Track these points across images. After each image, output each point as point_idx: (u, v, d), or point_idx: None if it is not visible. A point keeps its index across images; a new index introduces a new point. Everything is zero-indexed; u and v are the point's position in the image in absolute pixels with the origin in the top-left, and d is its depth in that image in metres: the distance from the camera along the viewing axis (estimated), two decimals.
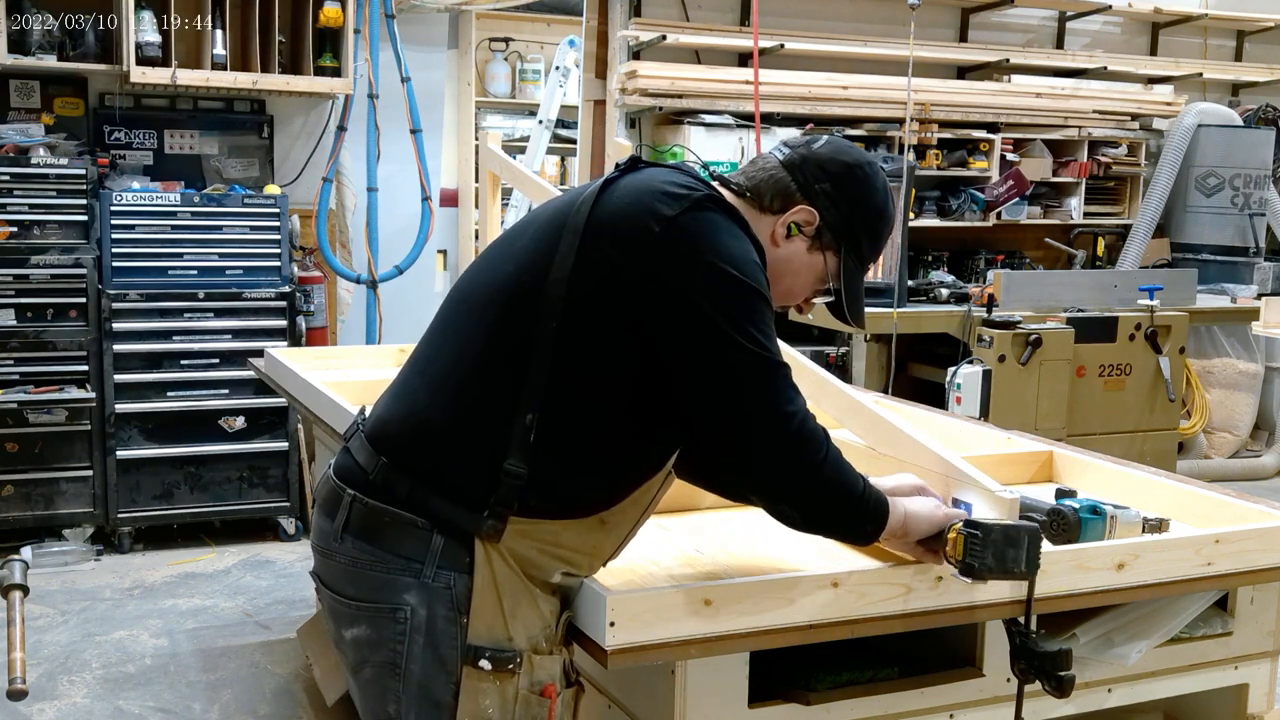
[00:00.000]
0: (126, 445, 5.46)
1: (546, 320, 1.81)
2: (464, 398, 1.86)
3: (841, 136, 2.11)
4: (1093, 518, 2.08)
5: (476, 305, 1.92)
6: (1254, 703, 2.47)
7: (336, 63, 5.95)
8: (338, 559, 1.89)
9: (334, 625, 1.94)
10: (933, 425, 3.07)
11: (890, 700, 2.13)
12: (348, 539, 1.87)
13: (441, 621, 1.83)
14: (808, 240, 1.99)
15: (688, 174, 1.94)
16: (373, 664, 1.88)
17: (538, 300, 1.82)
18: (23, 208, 5.26)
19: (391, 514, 1.84)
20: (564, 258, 1.82)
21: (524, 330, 1.82)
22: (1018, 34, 7.61)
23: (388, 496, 1.85)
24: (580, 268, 1.82)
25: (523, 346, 1.82)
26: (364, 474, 1.88)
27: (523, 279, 1.86)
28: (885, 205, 2.06)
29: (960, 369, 5.39)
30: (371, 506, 1.85)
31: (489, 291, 1.91)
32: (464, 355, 1.88)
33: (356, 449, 1.93)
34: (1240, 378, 7.48)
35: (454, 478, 1.83)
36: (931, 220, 7.01)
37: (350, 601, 1.88)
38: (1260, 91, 8.21)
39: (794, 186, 1.98)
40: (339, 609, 1.91)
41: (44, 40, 5.40)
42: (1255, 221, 7.44)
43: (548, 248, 1.85)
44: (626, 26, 6.47)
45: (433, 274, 7.19)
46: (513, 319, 1.84)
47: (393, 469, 1.86)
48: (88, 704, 3.98)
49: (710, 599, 1.85)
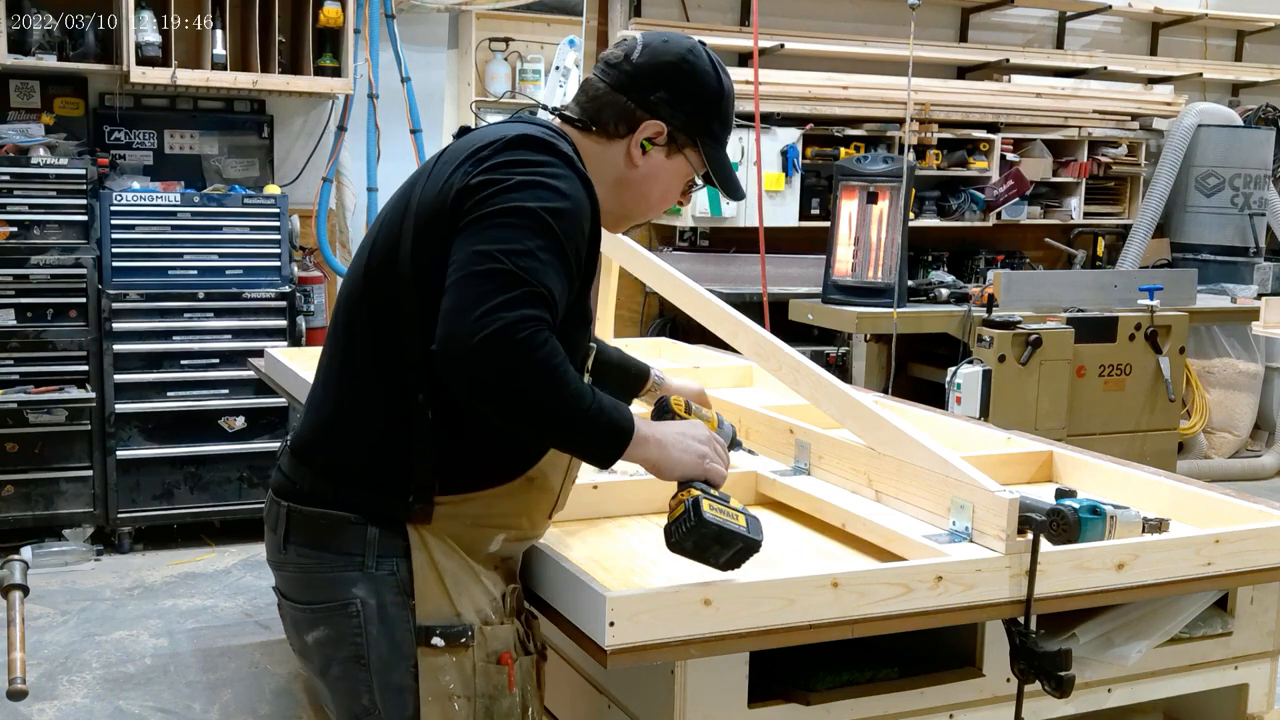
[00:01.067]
0: (126, 445, 5.46)
1: (406, 302, 1.84)
2: (357, 393, 1.91)
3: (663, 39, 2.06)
4: (1093, 518, 2.08)
5: (348, 302, 1.97)
6: (1254, 703, 2.47)
7: (336, 63, 5.95)
8: (288, 569, 1.97)
9: (297, 635, 1.99)
10: (933, 425, 3.07)
11: (890, 700, 2.13)
12: (291, 548, 1.94)
13: (391, 608, 1.88)
14: (664, 149, 2.02)
15: (523, 121, 1.95)
16: (338, 661, 1.93)
17: (394, 284, 1.86)
18: (23, 208, 5.26)
19: (325, 515, 1.90)
20: (405, 236, 1.86)
21: (389, 315, 1.87)
22: (1018, 34, 7.61)
23: (317, 500, 1.92)
24: (419, 241, 1.84)
25: (393, 331, 1.86)
26: (293, 485, 1.95)
27: (377, 267, 1.91)
28: (720, 82, 2.06)
29: (960, 369, 5.39)
30: (306, 513, 1.92)
31: (355, 286, 1.96)
32: (348, 353, 1.94)
33: (285, 464, 2.00)
34: (1240, 378, 7.47)
35: (372, 470, 1.89)
36: (931, 220, 7.01)
37: (306, 606, 1.94)
38: (1260, 91, 8.21)
39: (632, 105, 1.99)
40: (298, 616, 1.97)
41: (44, 40, 5.40)
42: (1255, 221, 7.44)
43: (394, 231, 1.89)
44: (626, 26, 6.47)
45: None
46: (378, 308, 1.89)
47: (316, 474, 1.92)
48: (88, 704, 3.98)
49: (710, 599, 1.84)
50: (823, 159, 6.63)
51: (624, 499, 2.56)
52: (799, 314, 5.96)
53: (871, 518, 2.36)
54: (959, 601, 2.01)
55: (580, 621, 1.89)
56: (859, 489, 2.55)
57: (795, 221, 6.60)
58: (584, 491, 2.55)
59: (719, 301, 3.01)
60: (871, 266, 5.78)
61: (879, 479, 2.49)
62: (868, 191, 5.76)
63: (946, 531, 2.25)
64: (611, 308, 3.86)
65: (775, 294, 5.92)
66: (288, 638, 2.07)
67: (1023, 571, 2.04)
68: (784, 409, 3.01)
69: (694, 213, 6.41)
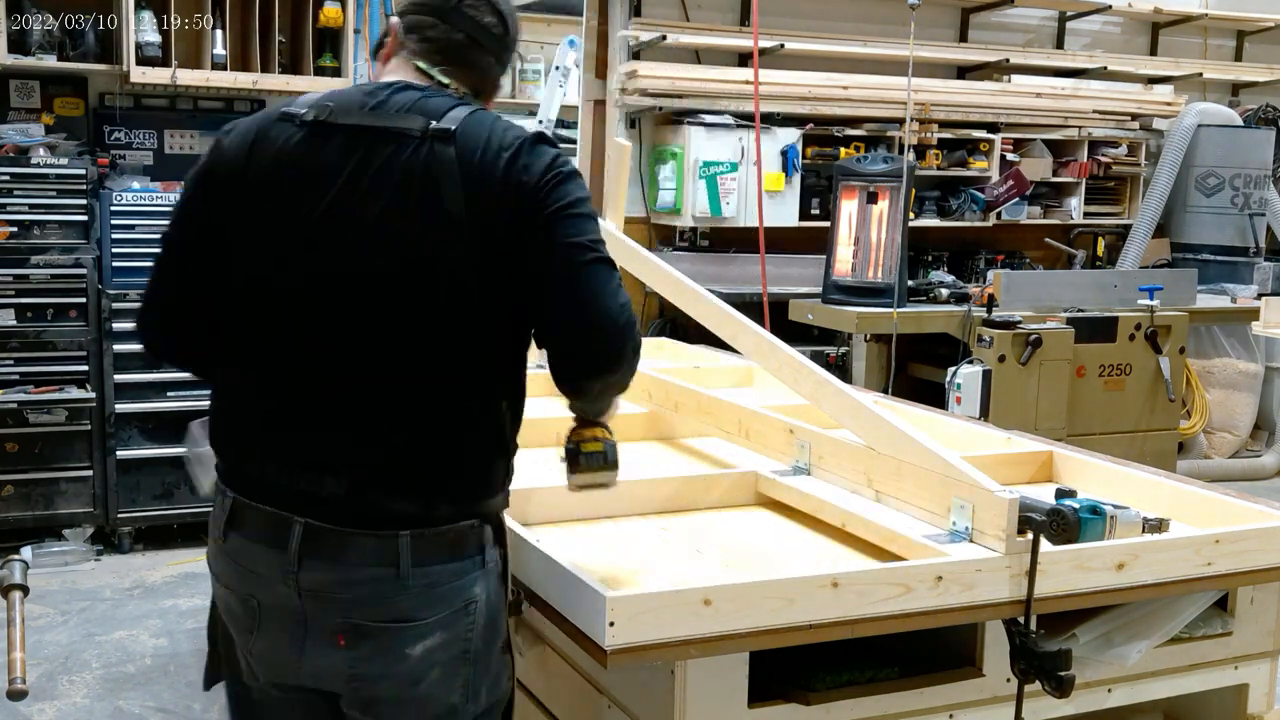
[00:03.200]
0: (126, 445, 5.45)
1: (474, 312, 1.88)
2: (442, 411, 1.90)
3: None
4: (1093, 518, 2.08)
5: (390, 328, 1.88)
6: (1254, 703, 2.47)
7: (336, 63, 5.95)
8: (412, 591, 1.87)
9: (387, 660, 1.89)
10: (933, 425, 3.07)
11: (890, 700, 2.13)
12: (417, 571, 1.86)
13: (495, 596, 1.96)
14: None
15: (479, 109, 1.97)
16: (440, 664, 1.90)
17: (459, 298, 1.87)
18: (23, 208, 5.26)
19: (454, 530, 1.90)
20: (460, 247, 1.87)
21: (453, 329, 1.88)
22: (1018, 34, 7.61)
23: (440, 519, 1.89)
24: (488, 251, 1.88)
25: (463, 343, 1.88)
26: (404, 514, 1.87)
27: (427, 286, 1.88)
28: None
29: (960, 369, 5.39)
30: (430, 535, 1.88)
31: (393, 307, 1.88)
32: (410, 373, 1.89)
33: (376, 498, 1.87)
34: (1240, 378, 7.47)
35: (478, 476, 1.94)
36: (931, 220, 7.01)
37: (420, 622, 1.88)
38: (1260, 91, 8.20)
39: (494, 64, 2.07)
40: (404, 634, 1.88)
41: (44, 40, 5.40)
42: (1255, 221, 7.44)
43: (439, 244, 1.87)
44: (626, 26, 6.47)
45: None
46: (441, 324, 1.88)
47: (429, 497, 1.88)
48: (88, 704, 3.98)
49: (710, 599, 1.85)
50: (823, 159, 6.64)
51: (624, 499, 2.56)
52: (799, 314, 5.96)
53: (871, 518, 2.36)
54: (959, 601, 2.01)
55: (580, 621, 1.89)
56: (859, 489, 2.55)
57: (795, 221, 6.60)
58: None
59: (719, 301, 3.01)
60: (871, 266, 5.78)
61: (879, 479, 2.49)
62: (868, 191, 5.75)
63: (946, 531, 2.25)
64: None
65: (775, 294, 5.92)
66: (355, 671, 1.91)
67: (1023, 571, 2.04)
68: (784, 409, 3.01)
69: (694, 213, 6.41)
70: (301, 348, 1.90)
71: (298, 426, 1.90)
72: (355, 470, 1.87)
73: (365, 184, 1.87)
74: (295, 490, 1.88)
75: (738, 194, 6.45)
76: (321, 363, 1.89)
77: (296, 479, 1.88)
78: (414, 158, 1.86)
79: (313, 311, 1.89)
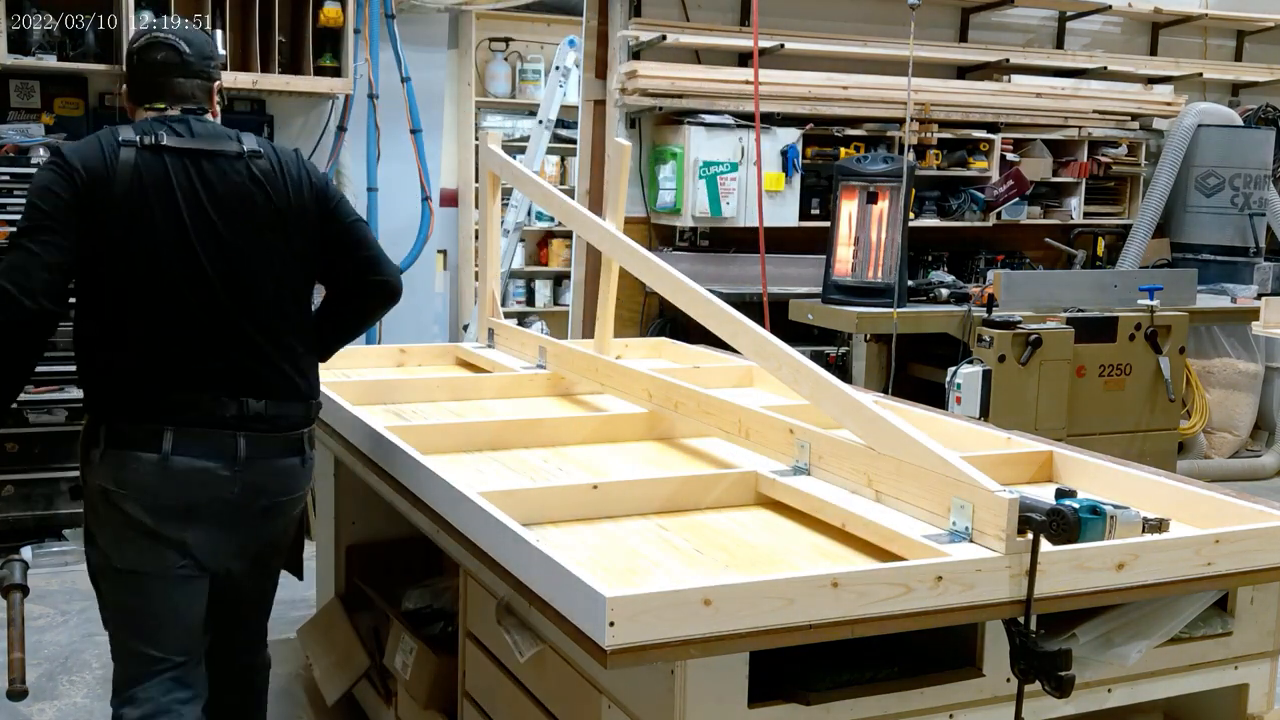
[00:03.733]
0: None
1: (312, 273, 2.83)
2: (305, 345, 2.78)
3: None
4: (1093, 518, 2.08)
5: (290, 280, 2.73)
6: (1254, 703, 2.48)
7: (336, 63, 5.95)
8: (308, 468, 2.77)
9: (286, 522, 2.81)
10: (933, 425, 3.07)
11: (890, 700, 2.13)
12: (308, 456, 2.77)
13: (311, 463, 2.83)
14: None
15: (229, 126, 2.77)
16: (294, 520, 2.86)
17: (309, 263, 2.78)
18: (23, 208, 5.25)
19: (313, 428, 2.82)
20: (299, 226, 2.73)
21: (305, 283, 2.81)
22: (1018, 34, 7.61)
23: (312, 419, 2.81)
24: (309, 229, 2.79)
25: (306, 293, 2.82)
26: (306, 419, 2.75)
27: (295, 254, 2.76)
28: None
29: (960, 369, 5.39)
30: (308, 432, 2.77)
31: (288, 267, 2.71)
32: (295, 317, 2.74)
33: (297, 413, 2.72)
34: (1240, 378, 7.48)
35: (316, 383, 2.81)
36: (931, 220, 7.01)
37: (301, 494, 2.79)
38: (1260, 91, 8.21)
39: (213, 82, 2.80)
40: (297, 503, 2.79)
41: (44, 40, 5.40)
42: (1255, 221, 7.44)
43: (293, 223, 2.73)
44: (626, 26, 6.47)
45: (433, 274, 7.19)
46: (304, 280, 2.80)
47: (309, 405, 2.76)
48: (88, 704, 3.98)
49: (710, 599, 1.85)
50: (823, 159, 6.64)
51: (624, 499, 2.56)
52: (799, 314, 5.96)
53: (871, 518, 2.36)
54: (959, 601, 2.01)
55: (580, 621, 1.89)
56: (859, 489, 2.55)
57: (795, 221, 6.60)
58: (584, 491, 2.55)
59: (719, 302, 3.01)
60: (871, 266, 5.78)
61: (879, 479, 2.49)
62: (868, 191, 5.76)
63: (946, 531, 2.25)
64: (611, 308, 3.86)
65: (775, 294, 5.92)
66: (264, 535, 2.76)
67: (1023, 571, 2.04)
68: (784, 409, 3.01)
69: (694, 213, 6.41)
70: (208, 311, 2.58)
71: (217, 370, 2.58)
72: (269, 392, 2.63)
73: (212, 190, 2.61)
74: (228, 414, 2.57)
75: (738, 194, 6.45)
76: (224, 320, 2.59)
77: (226, 406, 2.57)
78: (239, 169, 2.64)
79: (212, 287, 2.58)
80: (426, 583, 3.50)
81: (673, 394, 3.21)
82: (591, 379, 3.65)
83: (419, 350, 4.42)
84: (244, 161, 2.62)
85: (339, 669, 3.76)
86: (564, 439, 3.17)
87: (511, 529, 2.16)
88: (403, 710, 3.33)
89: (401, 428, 3.06)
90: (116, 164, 2.52)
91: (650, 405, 3.29)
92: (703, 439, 3.14)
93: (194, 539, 2.59)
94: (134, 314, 2.54)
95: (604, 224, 3.62)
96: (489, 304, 4.45)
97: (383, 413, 3.44)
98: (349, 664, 3.71)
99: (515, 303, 8.52)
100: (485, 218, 4.55)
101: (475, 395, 3.74)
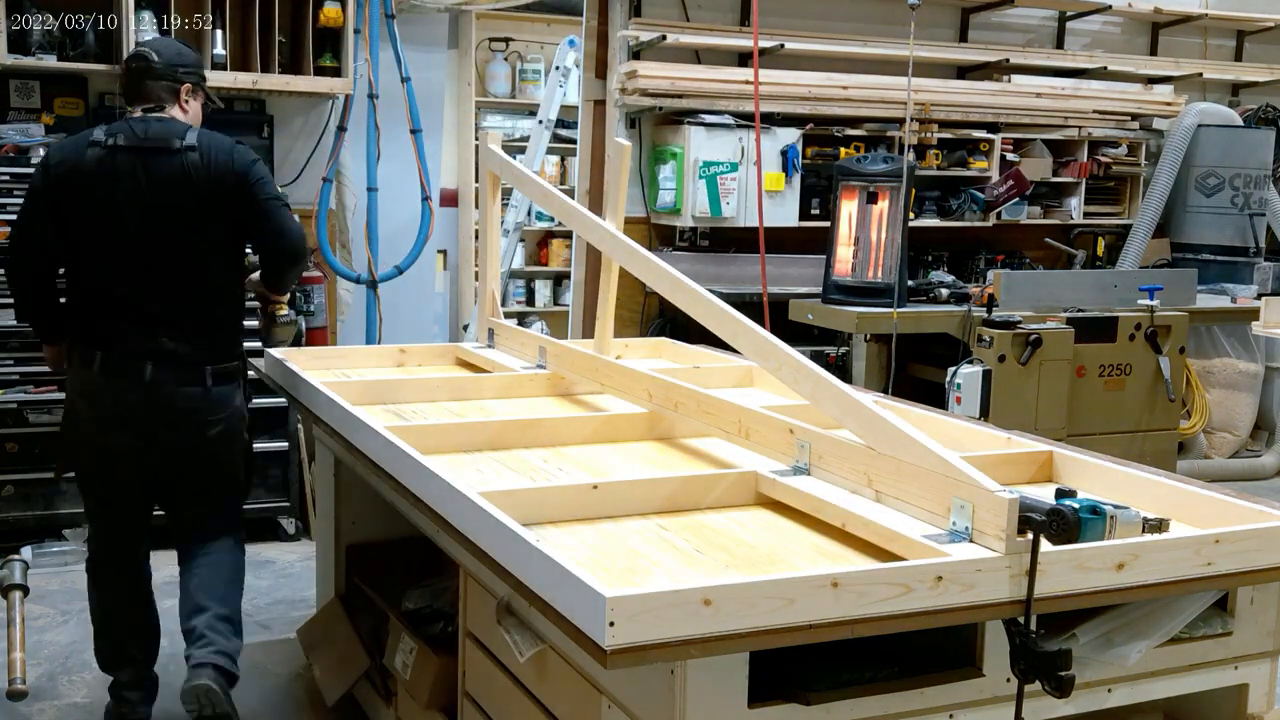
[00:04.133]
0: None
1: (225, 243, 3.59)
2: (213, 304, 3.56)
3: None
4: (1093, 518, 2.08)
5: (198, 252, 3.49)
6: (1254, 703, 2.48)
7: (336, 63, 5.95)
8: (209, 401, 3.51)
9: (195, 436, 3.52)
10: (933, 425, 3.07)
11: (890, 700, 2.13)
12: (213, 389, 3.52)
13: (241, 403, 3.65)
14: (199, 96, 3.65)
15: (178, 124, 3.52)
16: (223, 438, 3.59)
17: (219, 234, 3.53)
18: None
19: (225, 367, 3.55)
20: (215, 201, 3.49)
21: (216, 253, 3.58)
22: (1018, 34, 7.61)
23: (219, 360, 3.55)
24: (225, 206, 3.52)
25: (221, 266, 3.60)
26: (205, 359, 3.51)
27: (205, 225, 3.50)
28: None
29: (960, 369, 5.39)
30: (215, 369, 3.51)
31: (196, 240, 3.48)
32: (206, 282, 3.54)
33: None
34: (1240, 378, 7.48)
35: (232, 337, 3.62)
36: (931, 220, 7.02)
37: (214, 418, 3.53)
38: (1260, 91, 8.21)
39: (181, 84, 3.56)
40: (204, 423, 3.52)
41: (44, 40, 5.40)
42: (1255, 221, 7.44)
43: (203, 200, 3.47)
44: (626, 26, 6.47)
45: (433, 274, 7.19)
46: (215, 247, 3.54)
47: (220, 354, 3.55)
48: (88, 704, 3.98)
49: (710, 599, 1.85)
50: (823, 159, 6.64)
51: (624, 499, 2.56)
52: (799, 314, 5.96)
53: (871, 518, 2.36)
54: (959, 601, 2.01)
55: (580, 621, 1.89)
56: (859, 489, 2.55)
57: (795, 221, 6.61)
58: (584, 491, 2.55)
59: (719, 301, 3.01)
60: (871, 266, 5.78)
61: (879, 479, 2.49)
62: (868, 191, 5.76)
63: (946, 531, 2.25)
64: (611, 308, 3.86)
65: (775, 294, 5.92)
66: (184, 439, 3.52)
67: (1023, 571, 2.04)
68: (784, 409, 3.01)
69: (694, 213, 6.41)
70: (137, 270, 3.40)
71: (146, 315, 3.41)
72: (178, 335, 3.43)
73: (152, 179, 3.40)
74: (144, 348, 3.40)
75: (738, 194, 6.45)
76: (150, 278, 3.40)
77: (141, 343, 3.40)
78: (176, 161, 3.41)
79: (140, 254, 3.40)
80: (426, 583, 3.50)
81: (673, 394, 3.21)
82: (591, 379, 3.65)
83: (419, 350, 4.42)
84: (180, 155, 3.39)
85: (339, 669, 3.76)
86: (564, 439, 3.17)
87: (511, 529, 2.16)
88: (403, 710, 3.33)
89: (401, 428, 3.06)
90: (84, 159, 3.38)
91: (650, 405, 3.29)
92: (703, 439, 3.14)
93: (117, 440, 3.48)
94: (86, 271, 3.45)
95: (604, 224, 3.62)
96: (489, 304, 4.45)
97: (383, 413, 3.44)
98: (349, 664, 3.71)
99: (515, 303, 8.52)
100: (485, 218, 4.55)
101: (475, 395, 3.74)
